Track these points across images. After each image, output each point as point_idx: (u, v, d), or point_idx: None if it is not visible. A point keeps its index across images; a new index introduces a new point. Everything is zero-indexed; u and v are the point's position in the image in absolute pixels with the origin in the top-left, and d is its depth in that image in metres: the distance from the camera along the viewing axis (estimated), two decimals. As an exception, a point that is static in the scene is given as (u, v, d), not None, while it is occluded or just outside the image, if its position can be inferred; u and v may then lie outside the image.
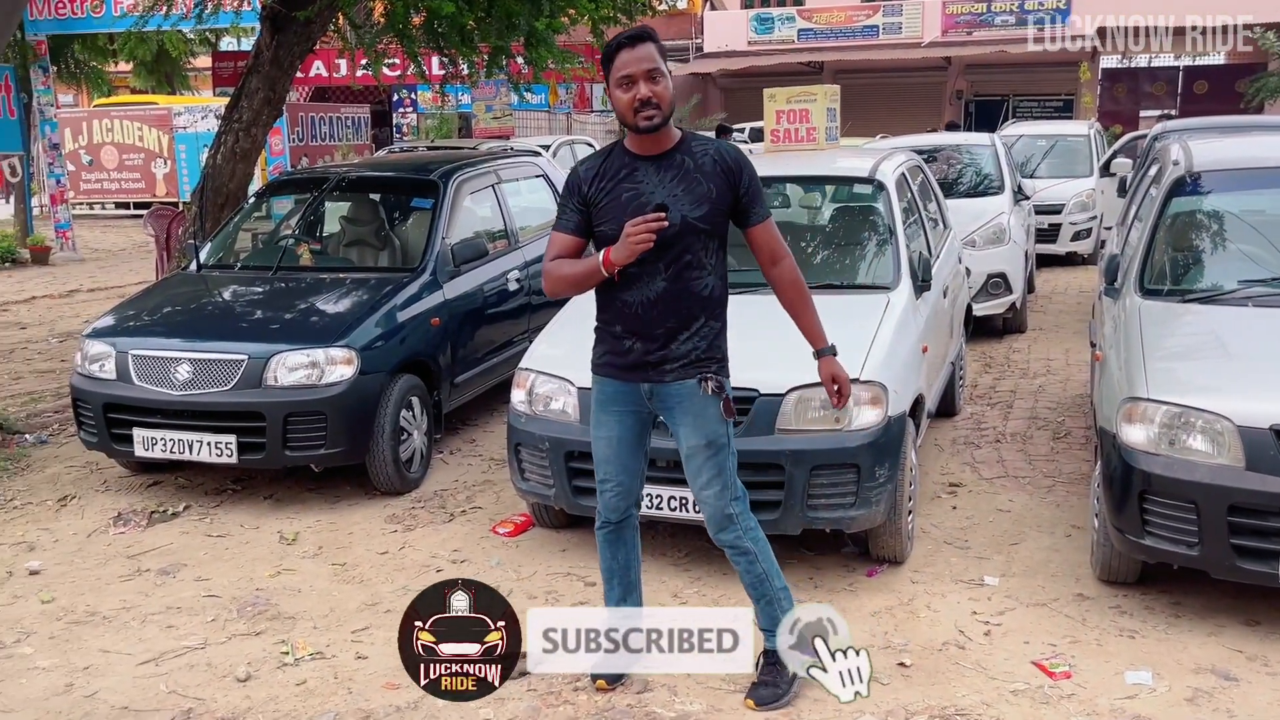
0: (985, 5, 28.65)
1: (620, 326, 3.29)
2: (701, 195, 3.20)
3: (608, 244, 3.17)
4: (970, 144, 10.52)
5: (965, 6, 28.62)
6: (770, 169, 6.35)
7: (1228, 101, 26.11)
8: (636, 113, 3.12)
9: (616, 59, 3.15)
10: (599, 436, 3.43)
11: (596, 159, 3.32)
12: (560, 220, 3.31)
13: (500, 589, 4.21)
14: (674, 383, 3.29)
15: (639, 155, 3.24)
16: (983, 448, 5.99)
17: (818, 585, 4.29)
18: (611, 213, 3.20)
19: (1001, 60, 27.22)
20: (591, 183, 3.25)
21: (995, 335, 8.86)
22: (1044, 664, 3.61)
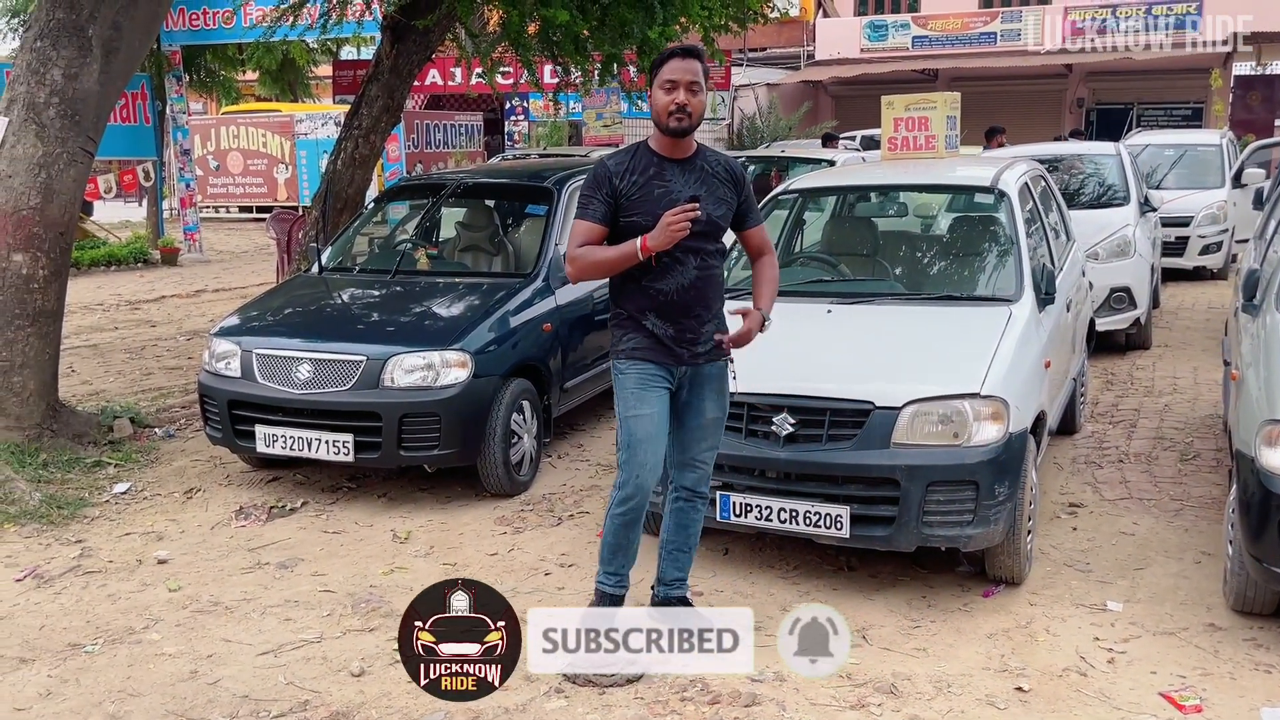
0: (1109, 10, 27.74)
1: (655, 314, 3.57)
2: (720, 198, 3.60)
3: (637, 234, 3.47)
4: (1094, 153, 10.17)
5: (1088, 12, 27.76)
6: (888, 177, 6.28)
7: (1371, 109, 24.75)
8: (670, 115, 3.47)
9: (667, 64, 3.50)
10: (643, 415, 3.59)
11: (624, 156, 3.62)
12: (587, 210, 3.55)
13: (608, 595, 4.25)
14: (706, 364, 3.65)
15: (665, 157, 3.57)
16: (1105, 468, 5.78)
17: (931, 604, 4.19)
18: (644, 205, 3.50)
19: (1126, 67, 26.32)
20: (623, 176, 3.54)
21: (1118, 351, 8.55)
22: (1173, 696, 3.45)
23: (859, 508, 4.07)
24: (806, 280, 5.32)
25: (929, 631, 3.96)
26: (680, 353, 3.59)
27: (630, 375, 3.61)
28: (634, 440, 3.59)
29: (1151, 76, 27.88)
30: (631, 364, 3.61)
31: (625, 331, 3.63)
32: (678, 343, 3.58)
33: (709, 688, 3.55)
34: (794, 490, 4.18)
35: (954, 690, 3.53)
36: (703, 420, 3.70)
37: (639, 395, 3.59)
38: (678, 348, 3.59)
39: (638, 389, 3.59)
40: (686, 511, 3.84)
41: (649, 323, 3.57)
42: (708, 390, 3.68)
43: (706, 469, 3.78)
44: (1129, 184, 9.31)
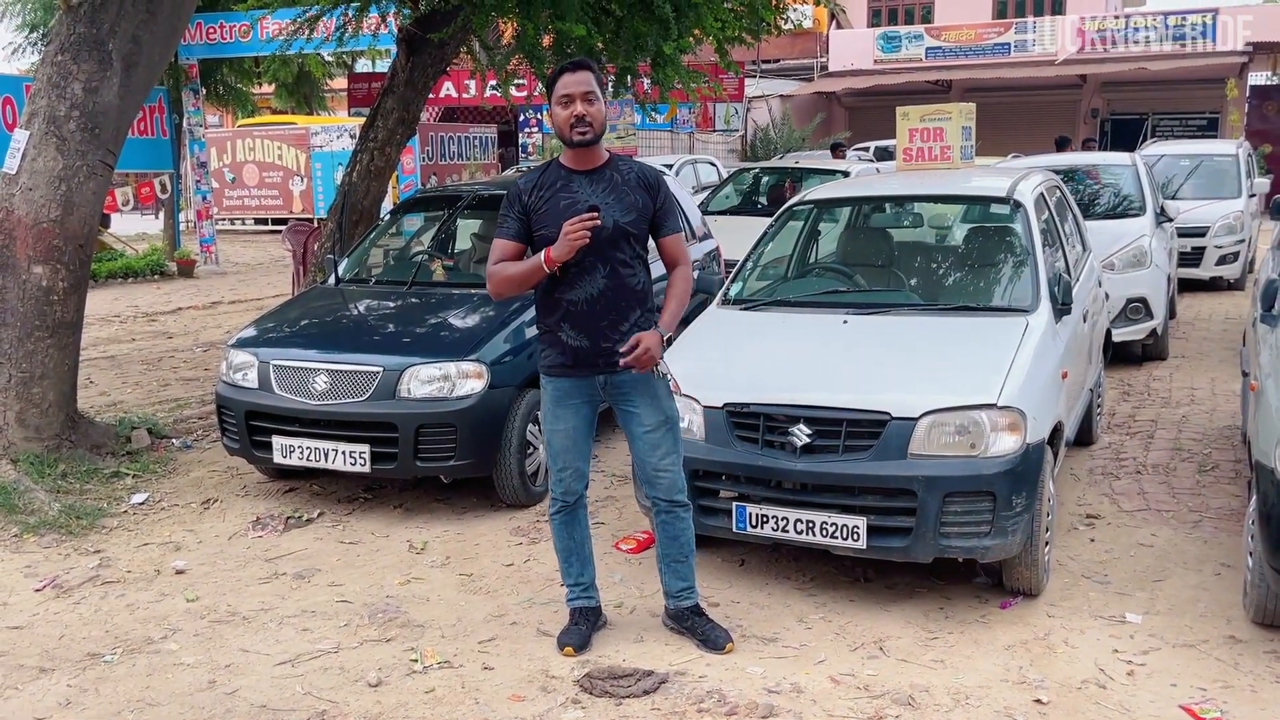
0: (1124, 21, 27.71)
1: (568, 325, 3.68)
2: (630, 204, 3.69)
3: (546, 246, 3.60)
4: (1110, 164, 10.15)
5: (1102, 23, 27.73)
6: (904, 188, 6.27)
7: (1388, 119, 24.63)
8: (572, 128, 3.61)
9: (560, 80, 3.63)
10: (558, 430, 3.80)
11: (535, 173, 3.77)
12: (502, 228, 3.73)
13: (623, 606, 4.26)
14: (614, 373, 3.72)
15: (574, 170, 3.71)
16: (1122, 479, 5.75)
17: (948, 616, 4.17)
18: (550, 218, 3.63)
19: (1140, 77, 26.27)
20: (531, 193, 3.69)
21: (1134, 362, 8.52)
22: (1193, 708, 3.43)
23: (876, 519, 4.06)
24: (822, 291, 5.32)
25: (946, 643, 3.94)
26: (596, 362, 3.71)
27: (548, 390, 3.81)
28: (553, 452, 3.86)
29: (1166, 87, 27.80)
30: (549, 380, 3.80)
31: (544, 346, 3.79)
32: (593, 353, 3.69)
33: (726, 699, 3.55)
34: (811, 501, 4.17)
35: (972, 702, 3.51)
36: (646, 428, 3.79)
37: (554, 412, 3.80)
38: (594, 358, 3.71)
39: (553, 405, 3.80)
40: (671, 522, 3.91)
41: (564, 334, 3.71)
42: (637, 397, 3.77)
43: (673, 475, 3.84)
44: (1145, 194, 9.28)
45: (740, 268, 5.59)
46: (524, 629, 4.13)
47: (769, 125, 26.74)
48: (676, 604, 3.99)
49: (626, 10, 8.83)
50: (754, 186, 12.64)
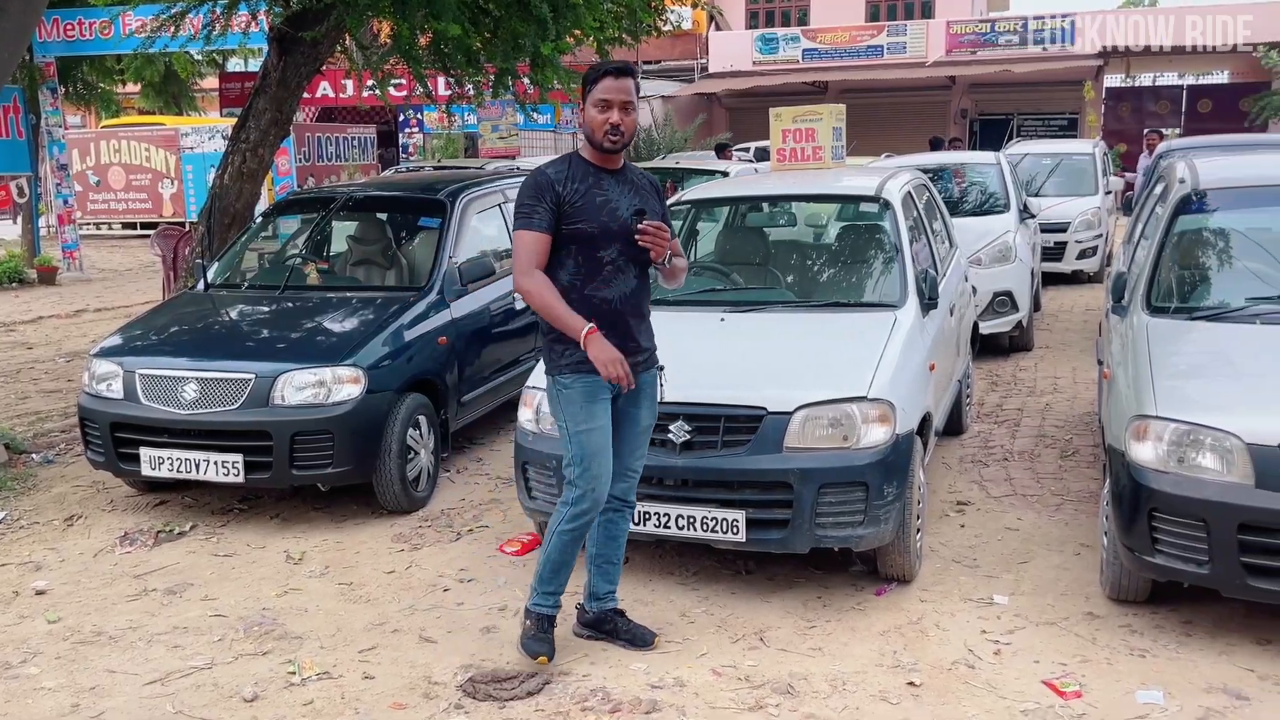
0: (989, 25, 28.76)
1: (599, 322, 3.53)
2: (652, 208, 3.68)
3: (580, 241, 3.54)
4: (975, 163, 10.53)
5: (969, 26, 28.72)
6: (777, 187, 6.39)
7: (1231, 120, 26.17)
8: (606, 134, 3.53)
9: (601, 83, 3.53)
10: (594, 428, 3.60)
11: (561, 165, 3.64)
12: (532, 219, 3.54)
13: (508, 609, 4.25)
14: (644, 372, 3.70)
15: (601, 168, 3.63)
16: (991, 466, 5.97)
17: (826, 604, 4.27)
18: (587, 213, 3.55)
19: (1005, 79, 27.29)
20: (564, 184, 3.56)
21: (1002, 353, 8.85)
22: (1054, 683, 3.59)
23: (754, 512, 4.13)
24: (700, 290, 5.39)
25: (824, 631, 4.04)
26: None
27: (576, 389, 3.59)
28: (587, 454, 3.59)
29: (1029, 88, 28.97)
30: (577, 377, 3.58)
31: (567, 345, 3.58)
32: (623, 349, 3.56)
33: (609, 696, 3.57)
34: (692, 497, 4.22)
35: (849, 688, 3.61)
36: (638, 429, 3.77)
37: (587, 409, 3.59)
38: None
39: (586, 402, 3.58)
40: (616, 522, 3.87)
41: None
42: (643, 399, 3.73)
43: (637, 477, 3.85)
44: (1009, 192, 9.65)
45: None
46: (406, 636, 4.08)
47: (651, 126, 26.89)
48: (601, 606, 3.95)
49: (504, 10, 8.78)
50: (636, 187, 12.69)
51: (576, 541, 3.72)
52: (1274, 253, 4.72)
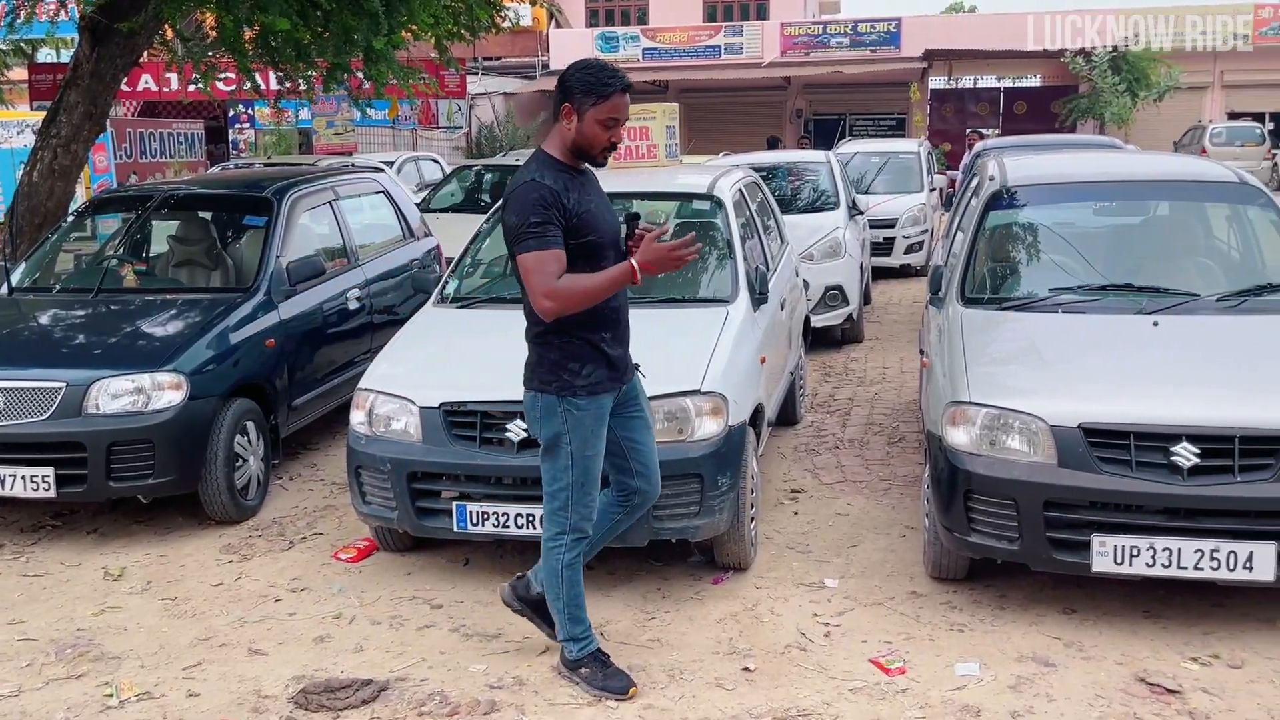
0: (821, 27, 29.70)
1: (609, 334, 3.42)
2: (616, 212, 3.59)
3: (589, 254, 3.31)
4: (807, 161, 10.86)
5: (802, 28, 29.58)
6: (612, 185, 6.41)
7: (1044, 120, 27.77)
8: (602, 151, 3.38)
9: (612, 99, 3.31)
10: (598, 454, 3.47)
11: (552, 173, 3.34)
12: (547, 238, 3.24)
13: (343, 616, 4.15)
14: (633, 379, 3.59)
15: (579, 173, 3.43)
16: (823, 454, 6.17)
17: (665, 595, 4.33)
18: (597, 221, 3.36)
19: (837, 80, 28.22)
20: (567, 196, 3.31)
21: (834, 345, 9.15)
22: (880, 661, 3.74)
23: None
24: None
25: (663, 622, 4.09)
26: (623, 372, 3.53)
27: (590, 412, 3.42)
28: (589, 480, 3.45)
29: (860, 90, 30.05)
30: (592, 400, 3.41)
31: (582, 363, 3.39)
32: (622, 361, 3.51)
33: (448, 699, 3.53)
34: (531, 495, 4.21)
35: (686, 676, 3.67)
36: (647, 434, 3.66)
37: (597, 433, 3.45)
38: (623, 366, 3.53)
39: (596, 426, 3.44)
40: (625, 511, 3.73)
41: (605, 346, 3.42)
42: (639, 399, 3.64)
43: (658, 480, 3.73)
44: (839, 190, 9.99)
45: (456, 265, 5.56)
46: (234, 650, 3.93)
47: (494, 123, 26.69)
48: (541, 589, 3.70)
49: (335, 4, 8.55)
50: (477, 184, 12.60)
51: (581, 567, 3.56)
52: (1075, 245, 5.03)
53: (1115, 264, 4.88)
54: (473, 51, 19.80)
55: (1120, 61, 26.30)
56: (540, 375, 3.45)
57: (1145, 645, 3.78)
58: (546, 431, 3.45)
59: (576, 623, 3.57)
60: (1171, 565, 3.67)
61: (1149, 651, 3.74)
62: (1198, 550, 3.63)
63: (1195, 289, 4.58)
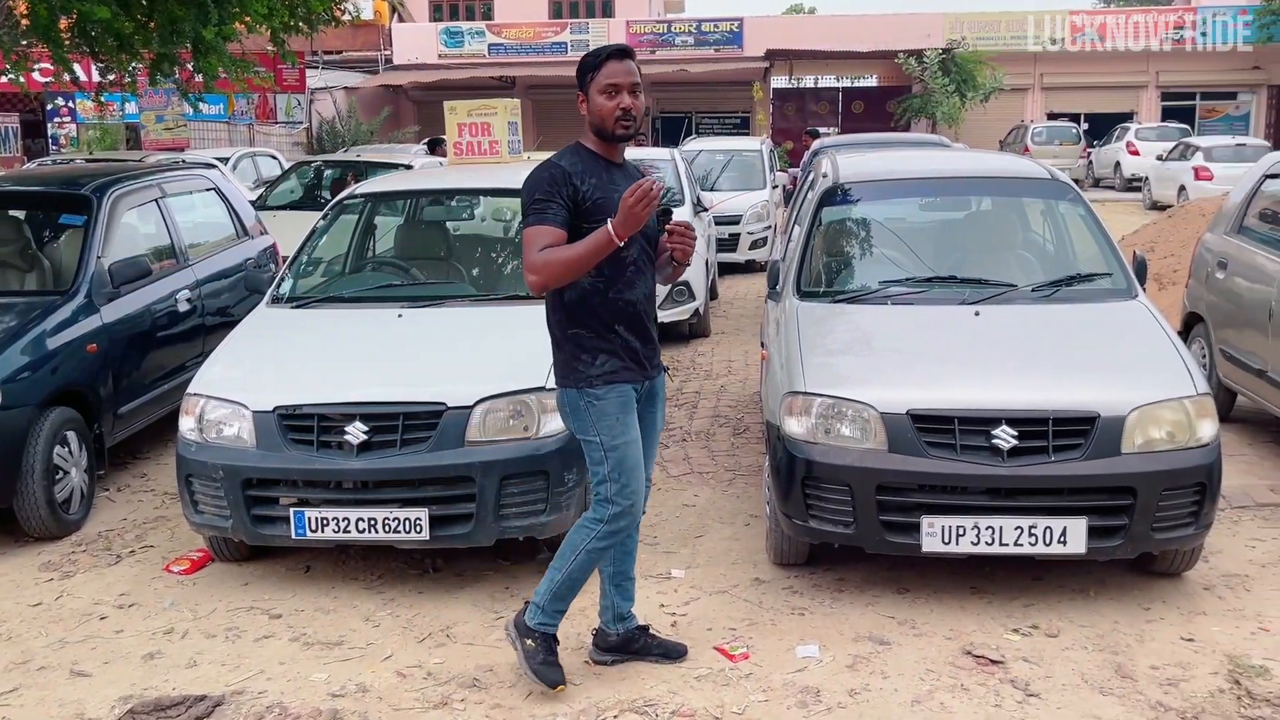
0: (666, 26, 30.04)
1: (624, 327, 3.35)
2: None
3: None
4: (651, 159, 10.96)
5: (647, 26, 29.86)
6: (455, 181, 6.36)
7: (881, 119, 28.84)
8: (617, 120, 3.28)
9: (604, 67, 3.28)
10: (630, 441, 3.38)
11: (573, 157, 3.32)
12: (546, 214, 3.21)
13: (175, 631, 3.98)
14: (657, 375, 3.52)
15: (610, 162, 3.37)
16: (671, 447, 6.25)
17: (514, 594, 4.30)
18: (609, 210, 3.21)
19: (682, 79, 28.62)
20: (582, 179, 3.26)
21: (682, 340, 9.28)
22: (725, 648, 3.81)
23: (437, 509, 4.11)
24: (377, 285, 5.29)
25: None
26: (646, 365, 3.44)
27: (610, 400, 3.34)
28: (625, 468, 3.36)
29: (705, 88, 30.56)
30: (610, 388, 3.34)
31: (594, 355, 3.34)
32: (642, 354, 3.42)
33: (288, 711, 3.43)
34: (372, 499, 4.14)
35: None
36: (656, 433, 3.61)
37: (624, 421, 3.37)
38: (645, 360, 3.43)
39: (621, 414, 3.36)
40: (631, 534, 3.61)
41: (619, 338, 3.35)
42: (658, 402, 3.58)
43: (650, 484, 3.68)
44: (684, 186, 10.13)
45: (291, 264, 5.40)
46: (54, 673, 3.72)
47: (335, 118, 26.01)
48: (627, 626, 3.69)
49: (158, -9, 8.21)
50: (316, 181, 12.24)
51: (600, 559, 3.52)
52: (904, 239, 5.24)
53: (941, 257, 5.11)
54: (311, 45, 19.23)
55: (949, 63, 27.53)
56: (560, 371, 3.44)
57: (972, 619, 3.97)
58: (574, 426, 3.45)
59: (558, 600, 3.52)
60: (994, 543, 3.86)
61: (975, 625, 3.93)
62: (1017, 527, 3.83)
63: (1013, 280, 4.83)
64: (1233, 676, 3.54)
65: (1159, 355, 4.23)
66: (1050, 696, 3.45)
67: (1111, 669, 3.61)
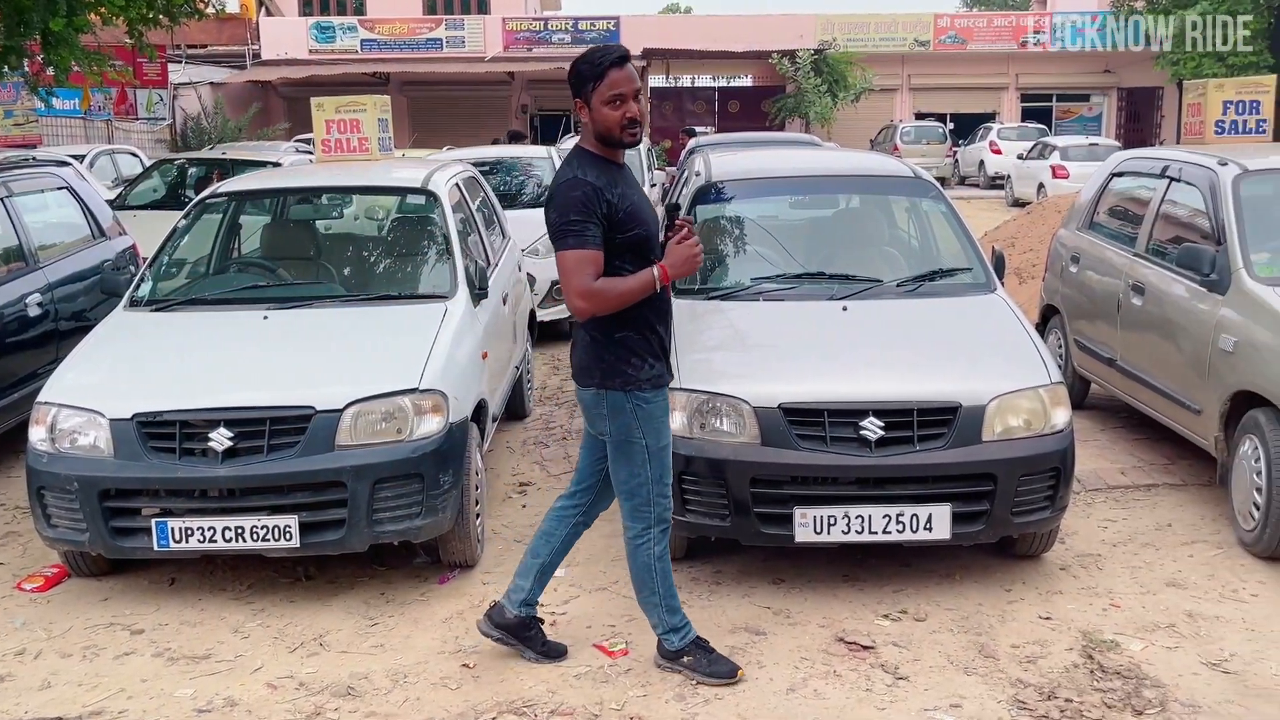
0: (542, 23, 29.94)
1: (662, 328, 3.43)
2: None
3: (635, 248, 3.29)
4: (531, 156, 10.92)
5: (524, 24, 29.71)
6: (325, 179, 6.22)
7: (756, 119, 29.34)
8: (624, 130, 3.28)
9: (607, 76, 3.24)
10: (669, 444, 3.49)
11: (594, 170, 3.29)
12: (586, 237, 3.21)
13: (27, 652, 3.79)
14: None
15: (617, 166, 3.39)
16: (551, 446, 6.23)
17: (390, 599, 4.24)
18: (639, 217, 3.32)
19: (560, 76, 28.48)
20: (610, 191, 3.27)
21: (563, 339, 9.24)
22: (604, 645, 3.82)
23: (308, 515, 4.01)
24: (242, 287, 5.13)
25: (387, 627, 4.00)
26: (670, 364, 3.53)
27: (658, 404, 3.42)
28: (665, 471, 3.47)
29: (583, 86, 30.49)
30: (657, 393, 3.41)
31: (643, 359, 3.37)
32: (663, 353, 3.47)
33: (150, 730, 3.30)
34: (239, 506, 4.01)
35: (410, 680, 3.61)
36: None
37: (667, 424, 3.47)
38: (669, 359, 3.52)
39: (664, 417, 3.46)
40: (578, 533, 3.76)
41: (659, 339, 3.42)
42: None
43: None
44: (560, 185, 10.09)
45: (149, 266, 5.20)
46: (-107, 703, 3.51)
47: (200, 114, 25.12)
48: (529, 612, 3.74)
49: (3, -20, 7.81)
50: (180, 179, 11.80)
51: (670, 557, 3.58)
52: (775, 236, 5.33)
53: (810, 254, 5.21)
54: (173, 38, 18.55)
55: (821, 64, 28.16)
56: (604, 373, 3.39)
57: (844, 607, 4.07)
58: (617, 428, 3.41)
59: (674, 613, 3.58)
60: (864, 531, 3.96)
61: (848, 612, 4.03)
62: (885, 515, 3.94)
63: (880, 275, 4.97)
64: (1086, 651, 3.72)
65: (1015, 346, 4.40)
66: (918, 679, 3.56)
67: (975, 649, 3.75)
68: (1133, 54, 28.37)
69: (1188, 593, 4.18)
